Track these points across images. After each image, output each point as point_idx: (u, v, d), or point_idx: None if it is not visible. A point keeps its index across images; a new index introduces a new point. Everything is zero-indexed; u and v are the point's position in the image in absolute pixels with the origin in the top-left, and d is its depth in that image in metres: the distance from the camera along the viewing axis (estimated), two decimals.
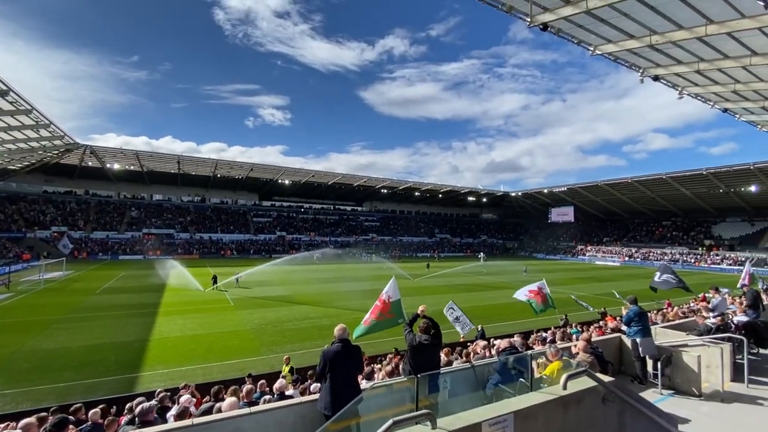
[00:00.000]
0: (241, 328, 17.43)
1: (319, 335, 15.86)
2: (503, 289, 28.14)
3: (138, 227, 57.28)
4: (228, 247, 58.89)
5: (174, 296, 24.80)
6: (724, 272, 44.59)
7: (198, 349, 14.26)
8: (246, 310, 20.88)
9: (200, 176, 59.45)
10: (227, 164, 54.51)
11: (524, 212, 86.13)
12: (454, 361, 7.67)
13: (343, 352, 4.46)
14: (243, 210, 68.94)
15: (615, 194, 61.95)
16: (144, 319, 18.35)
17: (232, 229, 63.48)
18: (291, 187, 66.31)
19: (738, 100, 17.44)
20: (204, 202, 67.52)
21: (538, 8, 10.74)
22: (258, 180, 62.48)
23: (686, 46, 12.48)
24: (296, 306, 22.03)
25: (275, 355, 13.68)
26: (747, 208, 53.71)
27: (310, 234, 68.23)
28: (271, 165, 57.36)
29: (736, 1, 9.46)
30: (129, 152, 48.04)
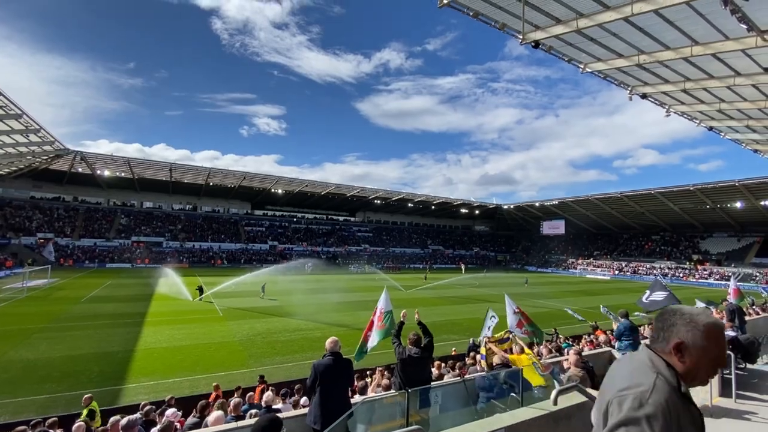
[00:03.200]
0: (230, 339, 17.13)
1: (309, 347, 15.64)
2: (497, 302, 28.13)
3: (127, 235, 56.44)
4: (219, 256, 58.21)
5: (162, 306, 24.34)
6: (712, 287, 45.17)
7: (185, 361, 13.95)
8: (235, 321, 20.55)
9: (192, 184, 59.03)
10: (220, 172, 54.26)
11: (516, 225, 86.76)
12: (446, 375, 7.61)
13: (334, 366, 4.41)
14: (235, 219, 68.42)
15: (605, 208, 62.79)
16: (130, 329, 17.95)
17: (224, 238, 62.86)
18: (284, 197, 66.10)
19: (723, 119, 17.93)
20: (195, 210, 66.91)
21: (530, 26, 11.00)
22: (251, 189, 62.22)
23: (673, 66, 12.85)
24: (287, 317, 21.74)
25: (264, 367, 13.44)
26: (733, 223, 54.76)
27: (303, 244, 67.81)
28: (265, 174, 57.24)
29: (720, 23, 9.80)
30: (120, 159, 47.61)
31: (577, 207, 65.67)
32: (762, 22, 9.39)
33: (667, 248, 62.10)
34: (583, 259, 68.85)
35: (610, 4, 9.55)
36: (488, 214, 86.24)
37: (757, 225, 52.81)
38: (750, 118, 16.96)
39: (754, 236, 53.96)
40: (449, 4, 10.10)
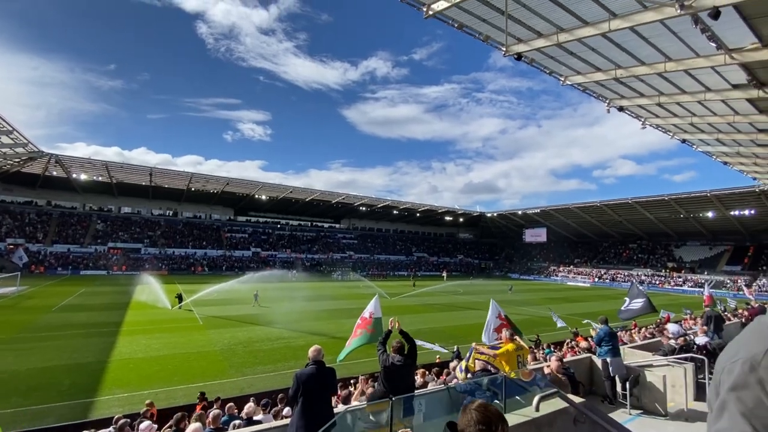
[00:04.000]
0: (210, 348, 16.70)
1: (292, 356, 15.37)
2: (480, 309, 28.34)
3: (103, 241, 54.67)
4: (199, 263, 56.94)
5: (138, 314, 23.58)
6: (686, 293, 46.64)
7: (162, 371, 13.52)
8: (215, 330, 20.07)
9: (173, 189, 57.72)
10: (202, 178, 53.29)
11: (500, 233, 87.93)
12: (430, 383, 7.60)
13: (317, 375, 4.34)
14: (217, 225, 67.17)
15: (585, 217, 64.34)
16: (104, 339, 17.30)
17: (205, 244, 61.57)
18: (268, 203, 65.34)
19: (694, 132, 18.69)
20: (176, 216, 65.41)
21: (512, 39, 11.28)
22: (234, 195, 61.28)
23: (648, 81, 13.37)
24: (269, 325, 21.35)
25: (245, 377, 13.14)
26: (705, 232, 56.86)
27: (286, 251, 67.01)
28: (248, 180, 56.54)
29: (692, 41, 10.26)
30: (98, 163, 46.28)
31: (558, 215, 67.08)
32: (730, 41, 9.88)
33: (644, 256, 63.93)
34: (564, 267, 70.16)
35: (588, 20, 9.89)
36: (472, 222, 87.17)
37: (727, 234, 55.01)
38: (719, 131, 17.73)
39: (724, 245, 56.12)
40: (435, 16, 10.28)
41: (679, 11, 8.12)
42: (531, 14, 9.98)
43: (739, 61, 10.30)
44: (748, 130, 16.75)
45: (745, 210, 46.62)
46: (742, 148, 20.05)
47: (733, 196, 43.93)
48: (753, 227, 50.73)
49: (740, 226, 51.52)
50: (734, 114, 15.10)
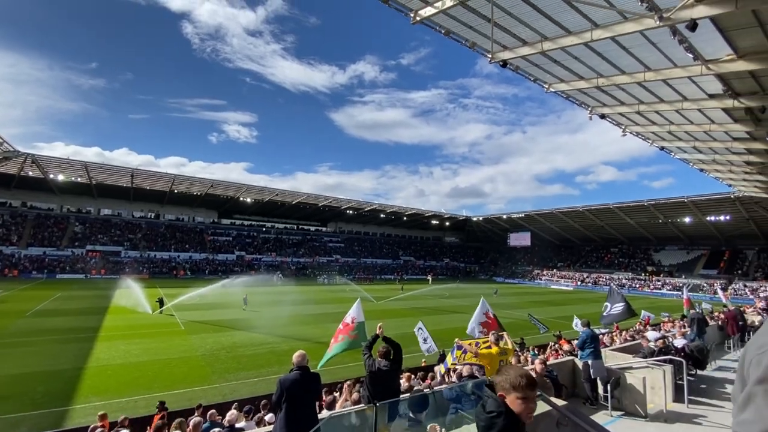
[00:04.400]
0: (192, 354, 16.34)
1: (276, 361, 15.16)
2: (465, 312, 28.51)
3: (81, 243, 53.03)
4: (182, 266, 55.76)
5: (117, 319, 22.92)
6: (665, 296, 47.88)
7: (142, 378, 13.16)
8: (198, 335, 19.66)
9: (155, 191, 56.52)
10: (186, 180, 52.34)
11: (485, 236, 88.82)
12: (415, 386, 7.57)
13: (301, 381, 4.28)
14: (200, 228, 65.98)
15: (568, 221, 65.56)
16: (80, 345, 16.75)
17: (187, 247, 60.35)
18: (253, 206, 64.53)
19: (672, 140, 19.28)
20: (158, 218, 64.00)
21: (498, 46, 11.46)
22: (218, 197, 60.32)
23: (628, 90, 13.74)
24: (253, 330, 21.02)
25: (228, 383, 12.90)
26: (683, 237, 58.59)
27: (272, 254, 66.19)
28: (233, 182, 55.79)
29: (670, 52, 10.61)
30: (77, 163, 45.00)
31: (542, 220, 68.17)
32: (706, 52, 10.24)
33: (624, 260, 65.41)
34: (547, 270, 71.23)
35: (571, 29, 10.13)
36: (458, 226, 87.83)
37: (704, 239, 56.79)
38: (696, 139, 18.33)
39: (701, 249, 57.91)
40: (422, 22, 10.37)
41: (658, 23, 8.38)
42: (516, 22, 10.15)
43: (715, 71, 10.68)
44: (723, 138, 17.36)
45: (720, 216, 48.24)
46: (717, 155, 20.77)
47: (710, 202, 45.40)
48: (728, 233, 52.54)
49: (716, 232, 53.28)
50: (710, 123, 15.64)
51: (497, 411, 1.92)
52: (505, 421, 1.88)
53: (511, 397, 1.91)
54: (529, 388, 1.91)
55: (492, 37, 10.44)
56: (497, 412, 1.92)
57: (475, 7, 9.69)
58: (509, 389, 1.92)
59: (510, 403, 1.91)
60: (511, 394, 1.91)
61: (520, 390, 1.91)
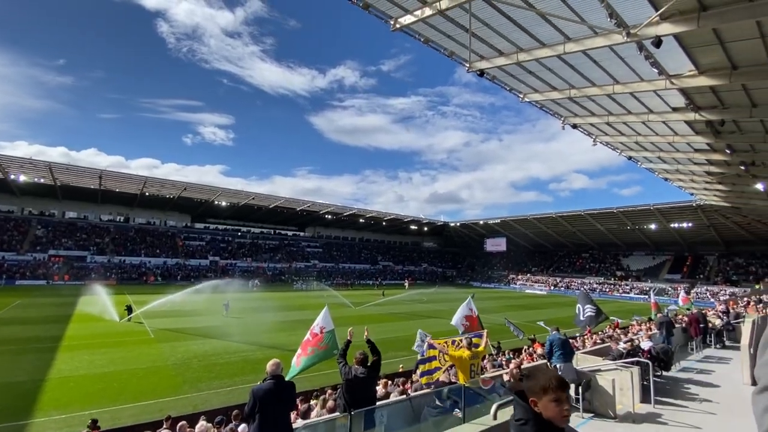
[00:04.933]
0: (162, 363, 15.72)
1: (251, 370, 14.77)
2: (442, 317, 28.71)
3: (43, 248, 50.32)
4: (152, 272, 53.76)
5: (81, 328, 21.80)
6: (633, 300, 49.75)
7: (107, 390, 12.54)
8: (168, 343, 18.94)
9: (125, 194, 54.34)
10: (158, 182, 50.61)
11: (462, 242, 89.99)
12: (392, 393, 7.54)
13: (275, 390, 4.18)
14: (172, 232, 63.87)
15: (542, 227, 67.35)
16: (40, 356, 15.82)
17: (158, 252, 58.27)
18: (228, 210, 62.98)
19: (639, 150, 20.15)
20: (127, 222, 61.58)
21: (476, 56, 11.73)
22: (192, 200, 58.56)
23: (598, 101, 14.31)
24: (226, 338, 20.43)
25: (199, 393, 12.47)
26: (649, 243, 61.20)
27: (247, 259, 64.77)
28: (208, 185, 54.31)
29: (637, 66, 11.13)
30: (40, 163, 42.76)
31: (517, 226, 69.78)
32: (670, 68, 10.80)
33: (595, 265, 67.67)
34: (522, 275, 72.79)
35: (545, 42, 10.48)
36: (436, 231, 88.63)
37: (668, 245, 59.53)
38: (661, 150, 19.24)
39: (666, 255, 60.63)
40: (402, 29, 10.48)
41: (625, 38, 8.78)
42: (493, 33, 10.42)
43: (678, 86, 11.27)
44: (685, 149, 18.30)
45: (683, 223, 50.75)
46: (680, 165, 21.86)
47: (673, 209, 47.70)
48: (690, 239, 55.28)
49: (679, 238, 55.95)
50: (674, 134, 16.46)
51: (525, 418, 1.89)
52: (536, 428, 1.85)
53: (543, 402, 1.86)
54: (560, 390, 1.86)
55: (470, 46, 10.68)
56: (525, 419, 1.89)
57: (453, 17, 9.89)
58: (540, 393, 1.87)
59: (543, 408, 1.86)
60: (542, 398, 1.86)
61: (551, 392, 1.86)
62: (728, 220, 45.31)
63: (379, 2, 9.79)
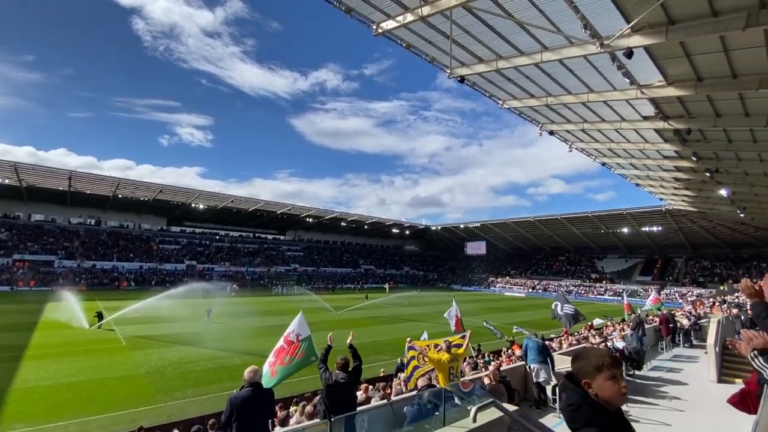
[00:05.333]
0: (134, 371, 15.16)
1: (228, 377, 14.43)
2: (423, 321, 28.84)
3: (7, 252, 47.78)
4: (125, 277, 51.87)
5: (48, 336, 20.78)
6: (607, 302, 51.29)
7: (75, 400, 11.99)
8: (141, 351, 18.30)
9: (97, 196, 52.27)
10: (132, 184, 48.94)
11: (443, 245, 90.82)
12: (373, 398, 7.51)
13: (253, 398, 4.09)
14: (147, 235, 61.87)
15: (520, 231, 68.75)
16: (4, 365, 14.99)
17: (132, 257, 56.31)
18: (206, 212, 61.50)
19: (612, 156, 20.86)
20: (99, 225, 59.24)
21: (456, 62, 11.91)
22: (167, 203, 56.86)
23: (574, 109, 14.75)
24: (203, 344, 19.90)
25: (174, 402, 12.08)
26: (622, 246, 63.35)
27: (225, 264, 63.33)
28: (185, 187, 52.99)
29: (611, 76, 11.55)
30: (5, 163, 40.71)
31: (496, 229, 71.00)
32: (641, 78, 11.26)
33: (571, 267, 69.47)
34: (501, 278, 73.98)
35: (524, 50, 10.75)
36: (418, 235, 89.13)
37: (640, 248, 61.77)
38: (633, 157, 19.98)
39: (638, 257, 62.86)
40: (384, 34, 10.54)
41: (599, 49, 9.10)
42: (473, 40, 10.61)
43: (648, 96, 11.75)
44: (655, 156, 19.06)
45: (653, 227, 52.84)
46: (651, 172, 22.75)
47: (644, 214, 49.59)
48: (660, 242, 57.55)
49: (650, 241, 58.16)
50: (644, 142, 17.13)
51: (578, 402, 1.75)
52: (591, 411, 1.71)
53: (598, 381, 1.74)
54: (615, 366, 1.74)
55: (450, 53, 10.84)
56: (578, 403, 1.75)
57: (435, 24, 10.02)
58: (594, 372, 1.75)
59: (598, 389, 1.73)
60: (597, 378, 1.74)
61: (606, 369, 1.74)
62: (695, 224, 47.40)
63: (361, 6, 9.83)
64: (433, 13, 9.13)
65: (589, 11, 8.43)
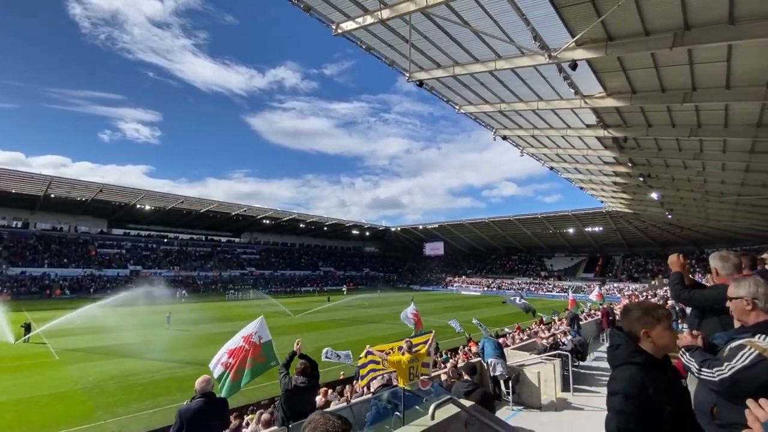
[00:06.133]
0: (70, 387, 13.90)
1: (177, 388, 13.62)
2: (382, 322, 29.01)
3: None
4: (58, 285, 47.40)
5: None
6: (556, 298, 54.37)
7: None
8: (77, 365, 16.81)
9: (24, 195, 47.16)
10: (67, 182, 44.78)
11: (403, 246, 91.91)
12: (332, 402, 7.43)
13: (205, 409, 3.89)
14: (84, 239, 56.93)
15: (476, 232, 71.25)
16: None
17: (66, 262, 51.56)
18: (152, 214, 57.49)
19: (559, 161, 22.17)
20: (27, 227, 53.61)
21: (415, 66, 12.11)
22: (109, 204, 52.55)
23: (525, 116, 15.53)
24: (149, 354, 18.65)
25: (117, 419, 11.22)
26: (568, 246, 67.60)
27: (174, 268, 59.82)
28: (129, 187, 49.34)
29: (558, 86, 12.28)
30: None
31: (454, 230, 73.09)
32: (584, 89, 12.08)
33: (522, 266, 73.03)
34: (458, 277, 76.20)
35: (479, 58, 11.16)
36: (378, 236, 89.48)
37: (584, 247, 66.25)
38: (577, 162, 21.36)
39: (582, 256, 67.37)
40: (343, 35, 10.50)
41: (547, 60, 9.66)
42: (432, 46, 10.86)
43: (590, 105, 12.63)
44: (597, 162, 20.51)
45: (595, 227, 56.94)
46: (593, 176, 24.45)
47: (587, 215, 53.32)
48: (602, 241, 62.09)
49: (593, 240, 62.56)
50: (587, 148, 18.39)
51: (617, 343, 1.82)
52: (628, 350, 1.78)
53: (657, 330, 1.77)
54: (670, 318, 1.81)
55: (410, 57, 11.01)
56: (617, 344, 1.82)
57: (394, 27, 10.14)
58: (653, 323, 1.78)
59: (657, 337, 1.77)
60: (656, 328, 1.77)
61: (665, 320, 1.78)
62: (630, 224, 51.67)
63: (320, 5, 9.72)
64: (392, 16, 9.23)
65: (539, 24, 8.92)
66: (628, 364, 1.77)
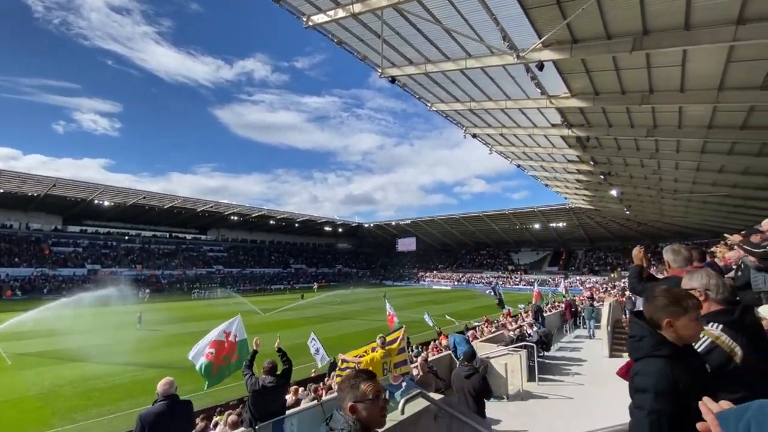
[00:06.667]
0: (23, 393, 13.05)
1: (140, 391, 13.06)
2: (355, 318, 29.01)
3: None
4: (8, 285, 44.18)
5: None
6: (523, 291, 56.23)
7: None
8: (31, 370, 15.79)
9: None
10: (16, 176, 41.67)
11: (376, 242, 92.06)
12: (303, 400, 7.36)
13: (168, 413, 3.74)
14: (37, 237, 53.26)
15: (447, 228, 72.49)
16: None
17: (17, 261, 48.13)
18: (112, 210, 54.46)
19: (526, 159, 22.85)
20: None
21: (387, 62, 12.09)
22: (63, 199, 49.34)
23: (494, 115, 15.87)
24: (108, 357, 17.73)
25: (75, 425, 10.66)
26: (533, 240, 70.07)
27: (136, 267, 57.10)
28: (85, 181, 46.48)
29: (525, 86, 12.62)
30: None
31: (425, 226, 74.05)
32: (550, 89, 12.48)
33: (491, 261, 75.05)
34: (430, 272, 77.33)
35: (450, 56, 11.28)
36: (351, 232, 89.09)
37: (549, 242, 68.89)
38: (543, 160, 22.10)
39: (547, 250, 70.04)
40: (315, 28, 10.32)
41: (515, 60, 9.90)
42: (404, 42, 10.87)
43: (556, 105, 13.08)
44: (561, 160, 21.28)
45: (559, 223, 59.32)
46: (557, 174, 25.38)
47: (552, 211, 55.44)
48: (565, 236, 64.81)
49: (557, 235, 65.17)
50: (552, 147, 19.04)
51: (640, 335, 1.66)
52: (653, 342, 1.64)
53: (683, 321, 1.63)
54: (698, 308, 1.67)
55: (382, 53, 10.97)
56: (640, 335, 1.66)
57: (366, 22, 10.06)
58: (680, 313, 1.64)
59: (682, 328, 1.63)
60: (682, 318, 1.63)
61: (693, 310, 1.64)
62: (592, 220, 54.21)
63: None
64: (364, 11, 9.15)
65: (508, 24, 9.11)
66: (653, 356, 1.65)
